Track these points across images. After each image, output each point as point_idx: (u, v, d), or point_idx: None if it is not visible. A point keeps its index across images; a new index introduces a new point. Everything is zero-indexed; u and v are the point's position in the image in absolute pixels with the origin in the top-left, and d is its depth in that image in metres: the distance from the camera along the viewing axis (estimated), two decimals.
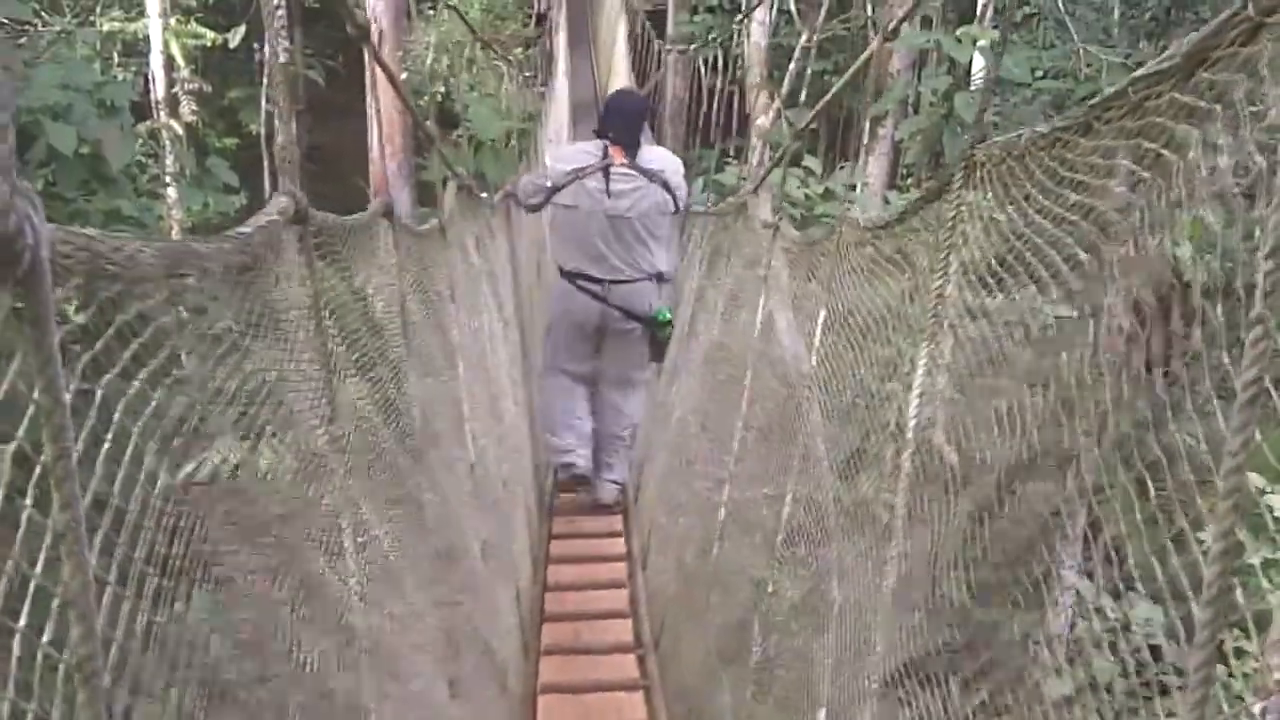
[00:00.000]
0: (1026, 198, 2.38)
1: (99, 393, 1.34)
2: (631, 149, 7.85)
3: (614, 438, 8.45)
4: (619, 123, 7.97)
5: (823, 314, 4.26)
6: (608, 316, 7.93)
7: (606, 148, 7.84)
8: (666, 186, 7.81)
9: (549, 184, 7.93)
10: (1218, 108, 1.59)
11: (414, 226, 4.93)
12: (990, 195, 2.60)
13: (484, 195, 7.51)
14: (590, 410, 8.40)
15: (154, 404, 1.55)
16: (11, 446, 1.13)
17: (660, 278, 7.98)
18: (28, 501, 1.16)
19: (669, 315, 8.03)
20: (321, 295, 2.61)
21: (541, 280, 10.74)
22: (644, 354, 8.21)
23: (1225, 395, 1.55)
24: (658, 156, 8.15)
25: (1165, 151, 1.78)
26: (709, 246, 7.65)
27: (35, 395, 1.09)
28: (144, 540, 1.50)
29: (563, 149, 10.29)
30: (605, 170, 7.74)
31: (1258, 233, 1.43)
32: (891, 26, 4.67)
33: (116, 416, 1.39)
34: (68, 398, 1.12)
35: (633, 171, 7.76)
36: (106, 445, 1.37)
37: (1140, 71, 1.81)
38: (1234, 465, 1.37)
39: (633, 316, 7.92)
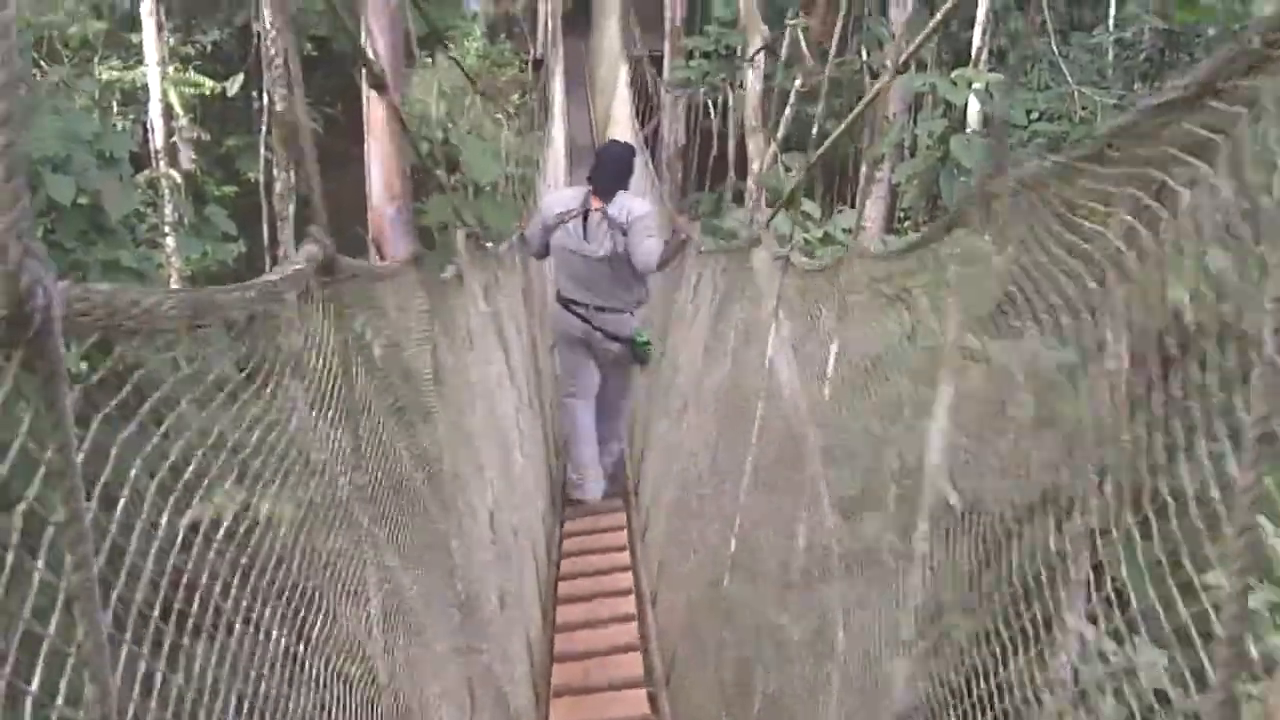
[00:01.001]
0: (1041, 233, 2.37)
1: (113, 449, 1.33)
2: (606, 197, 8.69)
3: (609, 433, 9.62)
4: (600, 171, 8.89)
5: (832, 350, 4.26)
6: (593, 336, 9.02)
7: (589, 194, 8.75)
8: (626, 234, 8.59)
9: (542, 228, 8.92)
10: (1220, 139, 1.59)
11: (439, 274, 4.95)
12: (1002, 233, 2.59)
13: (489, 245, 7.60)
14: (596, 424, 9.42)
15: (170, 457, 1.54)
16: (21, 507, 1.12)
17: (639, 303, 9.10)
18: (39, 563, 1.15)
19: (646, 336, 9.16)
20: (349, 343, 2.61)
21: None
22: (629, 367, 9.41)
23: (1230, 436, 1.55)
24: (625, 207, 8.73)
25: (1171, 183, 1.78)
26: (719, 287, 7.69)
27: (47, 456, 1.09)
28: (159, 595, 1.49)
29: (554, 193, 10.89)
30: (583, 215, 8.71)
31: (1260, 272, 1.43)
32: (902, 60, 4.67)
33: (132, 473, 1.39)
34: (79, 458, 1.12)
35: (605, 221, 8.65)
36: (122, 500, 1.36)
37: (1152, 100, 1.81)
38: (1245, 504, 1.37)
39: (617, 339, 9.01)
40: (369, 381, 2.99)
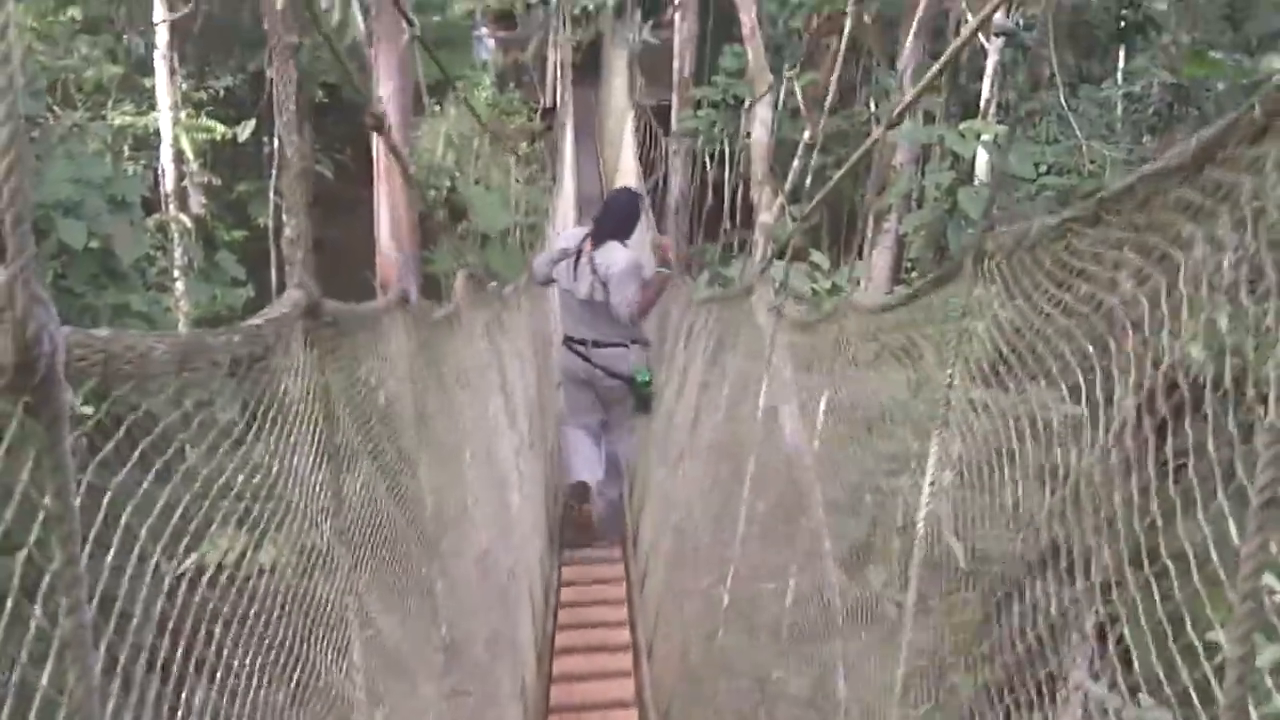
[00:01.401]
0: (1036, 290, 2.38)
1: (107, 492, 1.34)
2: (599, 241, 9.15)
3: (609, 473, 9.75)
4: (605, 217, 9.41)
5: (826, 398, 4.26)
6: (594, 374, 9.36)
7: (587, 236, 9.24)
8: (605, 286, 9.03)
9: (549, 261, 9.45)
10: (1223, 207, 1.60)
11: (428, 314, 4.94)
12: (1000, 287, 2.60)
13: (493, 284, 7.63)
14: (599, 450, 9.69)
15: (160, 503, 1.55)
16: (22, 554, 1.13)
17: (636, 341, 9.39)
18: (36, 609, 1.16)
19: (648, 375, 9.47)
20: (331, 387, 2.61)
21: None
22: (629, 406, 9.59)
23: (1234, 497, 1.55)
24: (608, 260, 9.11)
25: (1171, 249, 1.79)
26: (713, 335, 7.71)
27: (46, 501, 1.10)
28: (146, 642, 1.49)
29: (569, 230, 11.23)
30: (576, 256, 9.16)
31: (1266, 327, 1.43)
32: (896, 112, 4.69)
33: (124, 518, 1.39)
34: (76, 503, 1.13)
35: (589, 266, 9.10)
36: (113, 547, 1.37)
37: (1149, 167, 1.82)
38: (1251, 569, 1.36)
39: (615, 375, 9.30)
40: (352, 424, 2.99)
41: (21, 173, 1.01)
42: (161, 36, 14.68)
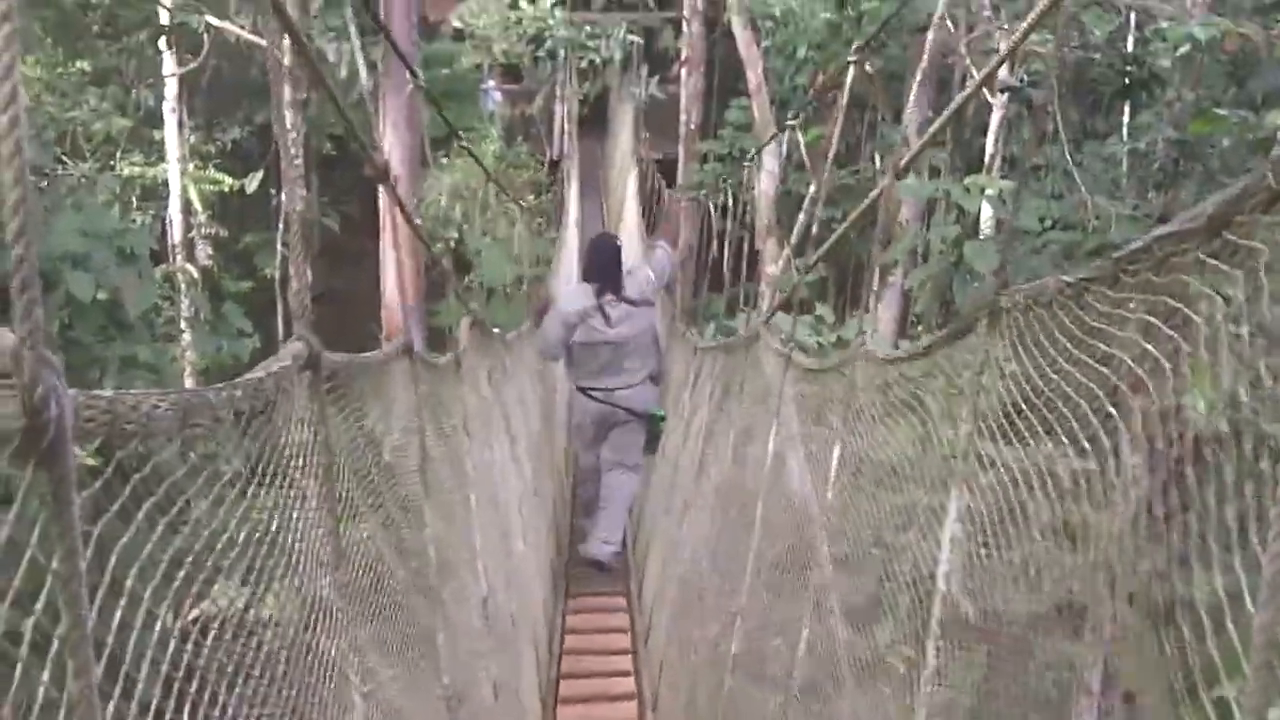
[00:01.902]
0: (1052, 347, 2.38)
1: (114, 552, 1.34)
2: (618, 286, 9.78)
3: (613, 512, 10.08)
4: (601, 270, 9.92)
5: (837, 453, 4.25)
6: (613, 415, 9.90)
7: (596, 290, 9.77)
8: (649, 304, 10.02)
9: (563, 326, 9.77)
10: (1239, 273, 1.60)
11: (432, 361, 4.95)
12: (1014, 345, 2.60)
13: (496, 330, 7.66)
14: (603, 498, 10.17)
15: (165, 556, 1.54)
16: (31, 621, 1.12)
17: (653, 379, 10.11)
18: (44, 675, 1.16)
19: (662, 413, 10.10)
20: (332, 439, 2.61)
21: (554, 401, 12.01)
22: (640, 443, 10.10)
23: (1242, 547, 1.54)
24: (634, 283, 9.93)
25: (1187, 310, 1.79)
26: (719, 384, 7.72)
27: (54, 564, 1.10)
28: (153, 698, 1.48)
29: (566, 295, 11.14)
30: (602, 309, 9.69)
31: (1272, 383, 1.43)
32: (904, 162, 4.70)
33: (129, 580, 1.39)
34: (83, 565, 1.12)
35: (623, 304, 9.73)
36: (123, 603, 1.37)
37: (1165, 229, 1.83)
38: (1263, 641, 1.35)
39: (633, 414, 9.89)
40: (354, 476, 2.98)
41: (30, 238, 1.01)
42: (170, 89, 14.76)
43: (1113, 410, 2.11)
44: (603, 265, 9.99)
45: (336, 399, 2.75)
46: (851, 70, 5.43)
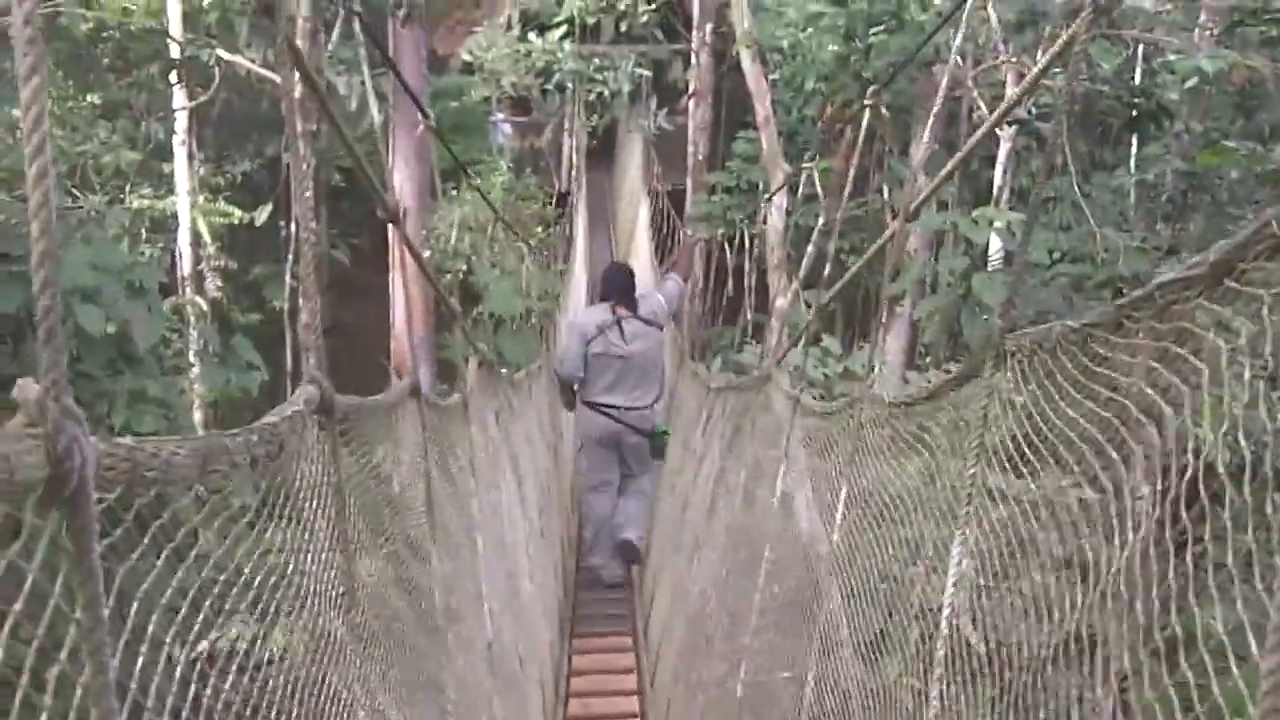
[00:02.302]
0: (1055, 389, 2.40)
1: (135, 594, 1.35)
2: (633, 305, 10.54)
3: (624, 530, 10.68)
4: (618, 290, 10.67)
5: (844, 490, 4.25)
6: (622, 432, 10.49)
7: (613, 307, 10.52)
8: (660, 328, 10.77)
9: (580, 341, 10.51)
10: (1242, 320, 1.61)
11: (439, 402, 4.96)
12: (1019, 384, 2.61)
13: (504, 371, 7.67)
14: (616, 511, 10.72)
15: (182, 605, 1.55)
16: (55, 670, 1.13)
17: (659, 399, 10.75)
18: None
19: (665, 429, 10.80)
20: (344, 481, 2.62)
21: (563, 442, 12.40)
22: (648, 456, 10.76)
23: (1249, 579, 1.54)
24: (649, 307, 10.72)
25: (1188, 355, 1.80)
26: (731, 424, 7.72)
27: (76, 614, 1.10)
28: None
29: (578, 317, 11.98)
30: (619, 323, 10.41)
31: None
32: (915, 205, 4.71)
33: (150, 625, 1.40)
34: (106, 613, 1.13)
35: (638, 321, 10.48)
36: (144, 648, 1.37)
37: (1169, 275, 1.84)
38: (1270, 685, 1.34)
39: (639, 431, 10.52)
40: (363, 518, 2.99)
41: (55, 290, 1.03)
42: (181, 122, 14.80)
43: (1116, 441, 2.12)
44: (619, 286, 10.73)
45: (348, 442, 2.76)
46: (865, 117, 5.45)
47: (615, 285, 10.77)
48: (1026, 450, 2.58)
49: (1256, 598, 1.51)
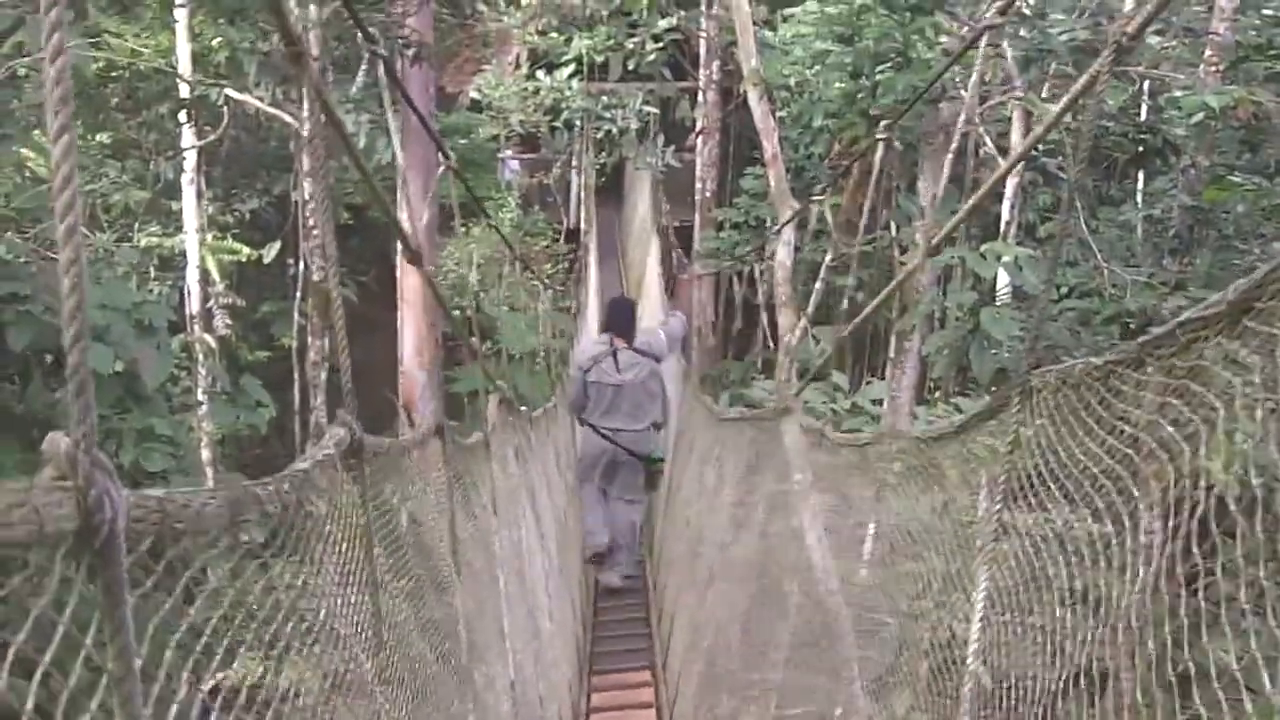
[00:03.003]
0: (1075, 424, 2.40)
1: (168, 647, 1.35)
2: (630, 337, 11.37)
3: (620, 541, 11.62)
4: (617, 322, 11.57)
5: (865, 523, 4.25)
6: (616, 453, 11.28)
7: (611, 339, 11.37)
8: (656, 359, 11.46)
9: (580, 373, 11.38)
10: (1257, 359, 1.61)
11: (462, 441, 4.96)
12: (1044, 421, 2.62)
13: (522, 409, 7.69)
14: (607, 513, 11.58)
15: (217, 653, 1.55)
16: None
17: (656, 426, 11.52)
18: None
19: (660, 455, 11.66)
20: (372, 523, 2.62)
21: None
22: (641, 481, 11.56)
23: (1260, 612, 1.54)
24: (647, 340, 11.57)
25: (1204, 391, 1.81)
26: (746, 456, 7.71)
27: (108, 665, 1.11)
28: None
29: (579, 348, 13.09)
30: (614, 354, 11.22)
31: None
32: (935, 242, 4.71)
33: (184, 675, 1.40)
34: (138, 664, 1.13)
35: (632, 353, 11.25)
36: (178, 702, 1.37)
37: (1189, 314, 1.85)
38: None
39: (634, 455, 11.27)
40: (390, 559, 2.99)
41: (85, 344, 1.03)
42: (190, 161, 14.84)
43: (1133, 477, 2.13)
44: (618, 319, 11.65)
45: (375, 482, 2.76)
46: (879, 152, 5.47)
47: (614, 318, 11.70)
48: (1050, 483, 2.59)
49: (1268, 632, 1.51)
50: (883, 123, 5.41)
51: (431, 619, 3.54)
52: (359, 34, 3.48)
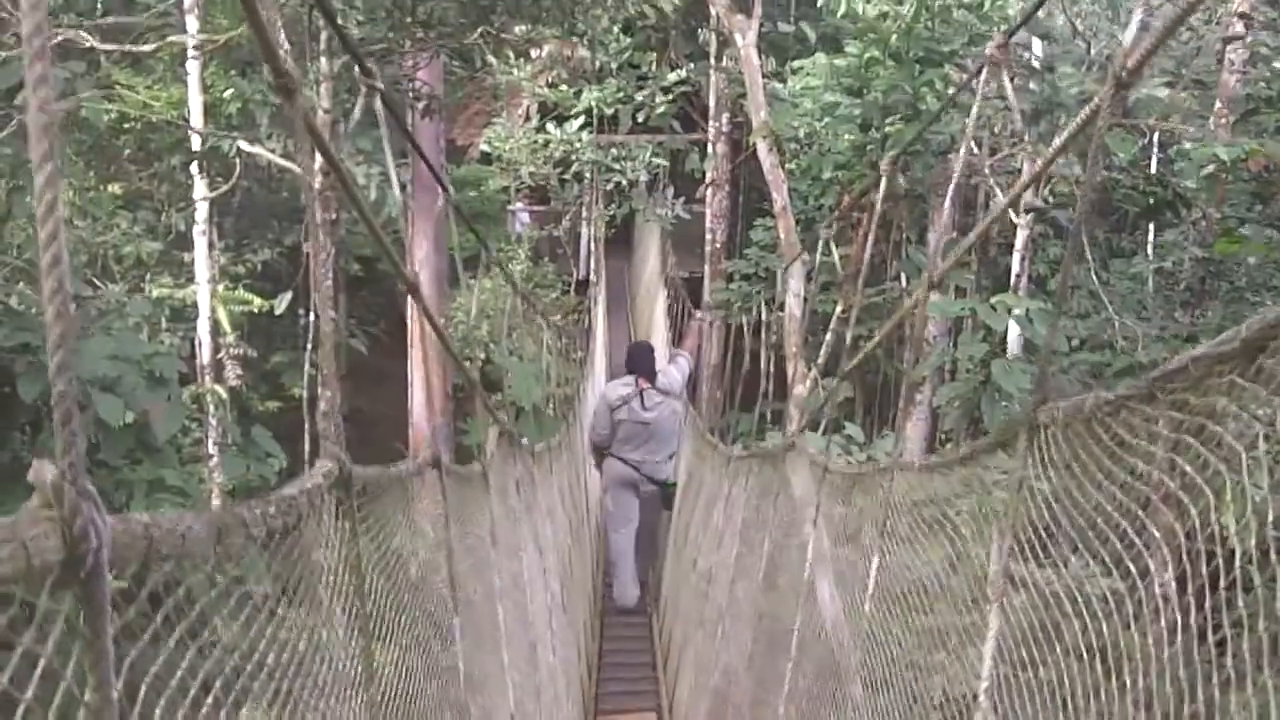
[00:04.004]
0: (1082, 470, 2.38)
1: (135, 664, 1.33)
2: (653, 378, 12.73)
3: (644, 551, 13.24)
4: (640, 365, 12.88)
5: (870, 570, 4.22)
6: (640, 480, 12.75)
7: (636, 379, 12.68)
8: (675, 397, 13.01)
9: (607, 410, 12.69)
10: (1277, 399, 1.60)
11: (459, 470, 4.94)
12: (1051, 460, 2.60)
13: (524, 441, 7.68)
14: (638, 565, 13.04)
15: (192, 686, 1.53)
16: None
17: (670, 456, 12.97)
18: None
19: (674, 481, 13.09)
20: (363, 557, 2.61)
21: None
22: (659, 503, 13.16)
23: (1273, 665, 1.52)
24: (667, 381, 12.90)
25: (1220, 430, 1.79)
26: (754, 494, 7.70)
27: (86, 696, 1.09)
28: None
29: (606, 389, 13.96)
30: (640, 394, 12.55)
31: None
32: (937, 276, 4.70)
33: (159, 707, 1.38)
34: (115, 695, 1.12)
35: (656, 393, 12.63)
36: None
37: (1200, 350, 1.83)
38: None
39: (654, 482, 12.82)
40: (384, 595, 2.97)
41: (72, 373, 1.02)
42: (201, 212, 14.89)
43: (1145, 528, 2.11)
44: (642, 361, 12.98)
45: (366, 516, 2.75)
46: (882, 185, 5.48)
47: (639, 361, 12.98)
48: (1055, 533, 2.56)
49: None
50: (887, 155, 5.42)
51: (428, 653, 3.52)
52: (363, 83, 3.47)
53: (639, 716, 9.80)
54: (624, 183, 21.79)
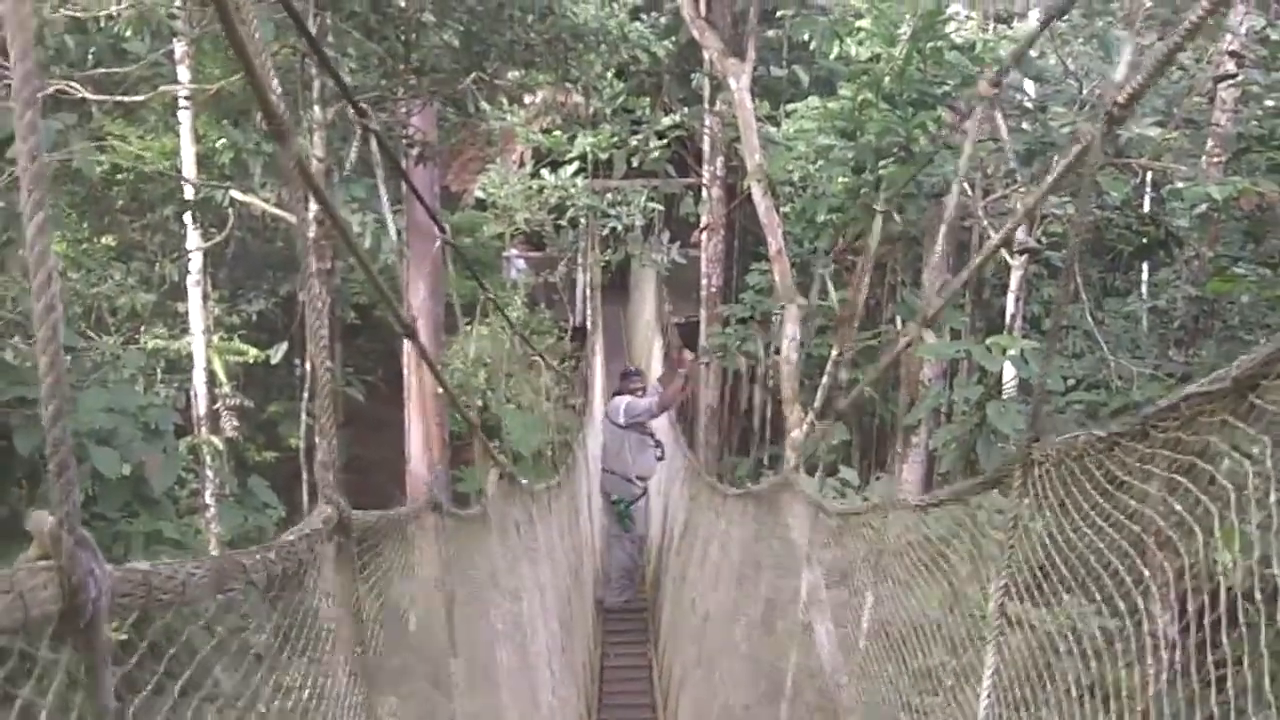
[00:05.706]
0: (1076, 510, 2.39)
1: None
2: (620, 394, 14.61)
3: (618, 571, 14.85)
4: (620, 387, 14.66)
5: (864, 614, 4.23)
6: (606, 493, 14.51)
7: (615, 394, 14.51)
8: (621, 427, 14.30)
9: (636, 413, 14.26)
10: (1266, 438, 1.61)
11: (459, 512, 4.93)
12: (1045, 497, 2.60)
13: (524, 481, 7.69)
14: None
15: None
16: None
17: (639, 476, 14.40)
18: None
19: (627, 503, 14.26)
20: (363, 605, 2.60)
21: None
22: (613, 518, 14.56)
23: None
24: (618, 407, 14.43)
25: (1212, 469, 1.80)
26: (749, 532, 7.70)
27: None
28: None
29: (615, 401, 14.98)
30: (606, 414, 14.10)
31: None
32: (930, 315, 4.71)
33: None
34: None
35: (607, 416, 14.43)
36: None
37: (1192, 388, 1.85)
38: None
39: (607, 496, 14.45)
40: (384, 642, 2.97)
41: (66, 423, 1.03)
42: (195, 263, 14.90)
43: (1141, 569, 2.11)
44: (621, 383, 14.98)
45: (366, 563, 2.75)
46: (877, 228, 5.51)
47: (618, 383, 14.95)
48: (1051, 574, 2.56)
49: None
50: (882, 196, 5.45)
51: (427, 698, 3.52)
52: (358, 123, 3.50)
53: None
54: (619, 228, 21.81)
